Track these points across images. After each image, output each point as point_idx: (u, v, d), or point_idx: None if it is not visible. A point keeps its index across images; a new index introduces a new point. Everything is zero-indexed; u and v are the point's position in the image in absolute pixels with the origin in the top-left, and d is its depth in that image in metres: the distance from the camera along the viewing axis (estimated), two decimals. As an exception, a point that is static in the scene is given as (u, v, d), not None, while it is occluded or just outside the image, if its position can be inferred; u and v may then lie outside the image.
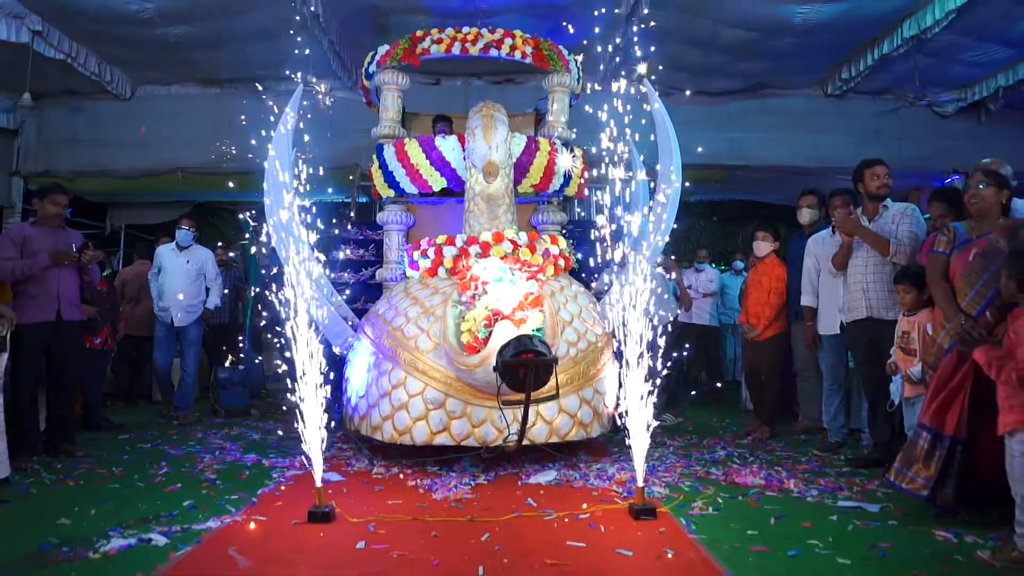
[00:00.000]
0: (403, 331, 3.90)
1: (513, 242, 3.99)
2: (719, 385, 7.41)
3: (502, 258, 3.86)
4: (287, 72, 8.40)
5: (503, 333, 3.18)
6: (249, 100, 9.36)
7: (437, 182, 5.18)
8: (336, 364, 4.96)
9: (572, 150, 5.58)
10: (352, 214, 10.25)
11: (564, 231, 5.73)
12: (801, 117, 9.77)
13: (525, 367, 2.94)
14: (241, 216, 7.67)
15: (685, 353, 6.11)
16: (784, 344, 5.50)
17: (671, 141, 5.37)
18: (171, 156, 9.68)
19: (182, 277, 6.34)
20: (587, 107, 7.22)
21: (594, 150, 5.80)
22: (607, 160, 6.27)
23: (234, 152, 8.74)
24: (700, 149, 7.90)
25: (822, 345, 5.04)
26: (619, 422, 3.45)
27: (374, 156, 5.48)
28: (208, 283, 6.55)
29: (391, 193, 5.37)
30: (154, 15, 7.06)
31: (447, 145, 5.17)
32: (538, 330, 3.50)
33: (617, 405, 4.35)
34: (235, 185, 8.40)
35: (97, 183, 10.88)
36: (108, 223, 12.83)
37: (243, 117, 7.53)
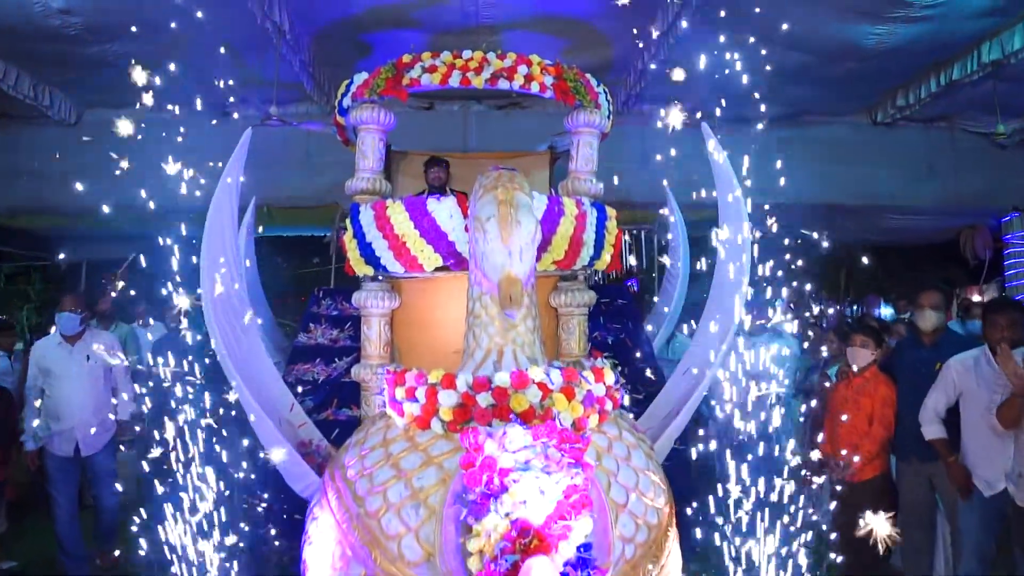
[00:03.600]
0: (380, 522, 2.61)
1: (542, 387, 2.70)
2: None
3: (525, 416, 2.57)
4: (255, 97, 7.21)
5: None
6: (211, 126, 8.13)
7: (430, 260, 3.90)
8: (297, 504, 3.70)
9: (606, 212, 4.31)
10: (331, 257, 9.02)
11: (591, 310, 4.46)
12: (846, 148, 8.56)
13: None
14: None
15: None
16: (887, 487, 4.21)
17: (738, 202, 4.10)
18: (121, 191, 8.34)
19: (82, 382, 4.52)
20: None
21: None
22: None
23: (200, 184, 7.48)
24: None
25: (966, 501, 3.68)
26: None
27: (347, 221, 4.20)
28: (115, 382, 4.68)
29: (370, 271, 4.09)
30: (82, 31, 5.80)
31: (443, 211, 3.89)
32: (586, 547, 2.25)
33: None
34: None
35: (41, 220, 9.62)
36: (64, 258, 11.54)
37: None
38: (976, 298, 11.48)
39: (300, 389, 4.57)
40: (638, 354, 4.97)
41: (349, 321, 4.96)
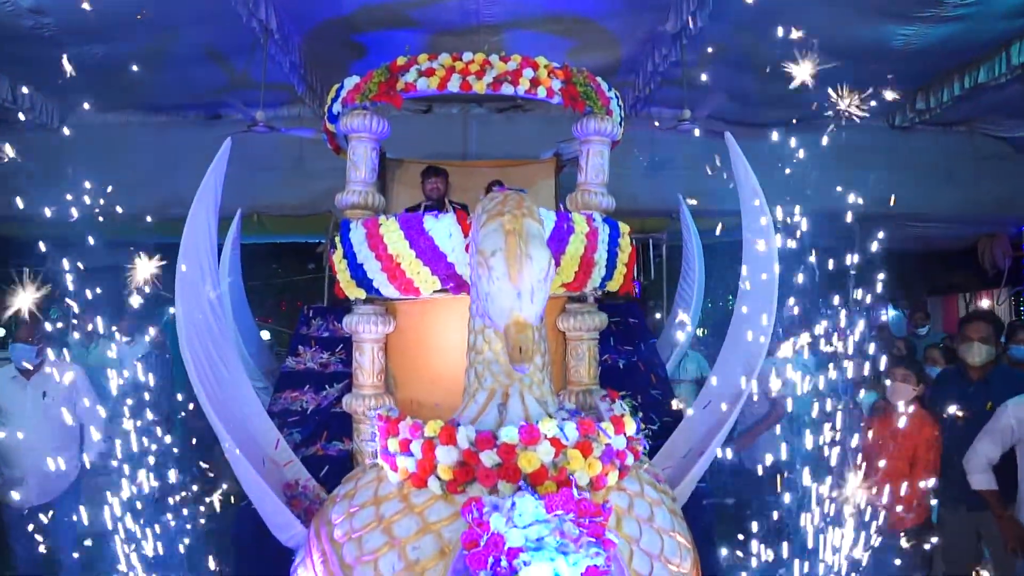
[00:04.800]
0: (371, 599, 2.28)
1: (555, 443, 2.35)
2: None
3: (536, 477, 2.22)
4: (242, 100, 6.84)
5: None
6: (202, 129, 7.78)
7: (427, 283, 3.56)
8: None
9: (619, 229, 3.96)
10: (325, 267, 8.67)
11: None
12: (862, 153, 8.18)
13: None
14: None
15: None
16: (929, 538, 3.82)
17: (765, 217, 3.77)
18: (106, 199, 7.98)
19: (38, 422, 3.92)
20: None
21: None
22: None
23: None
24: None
25: None
26: None
27: (336, 238, 3.85)
28: (82, 418, 4.06)
29: (361, 294, 3.74)
30: (57, 32, 5.45)
31: (441, 229, 3.55)
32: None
33: None
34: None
35: (23, 230, 9.25)
36: (48, 266, 11.19)
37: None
38: (985, 303, 11.13)
39: (288, 420, 4.21)
40: (652, 379, 4.61)
41: (341, 343, 4.59)
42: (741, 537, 3.66)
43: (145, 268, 3.92)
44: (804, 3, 5.10)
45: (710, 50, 5.30)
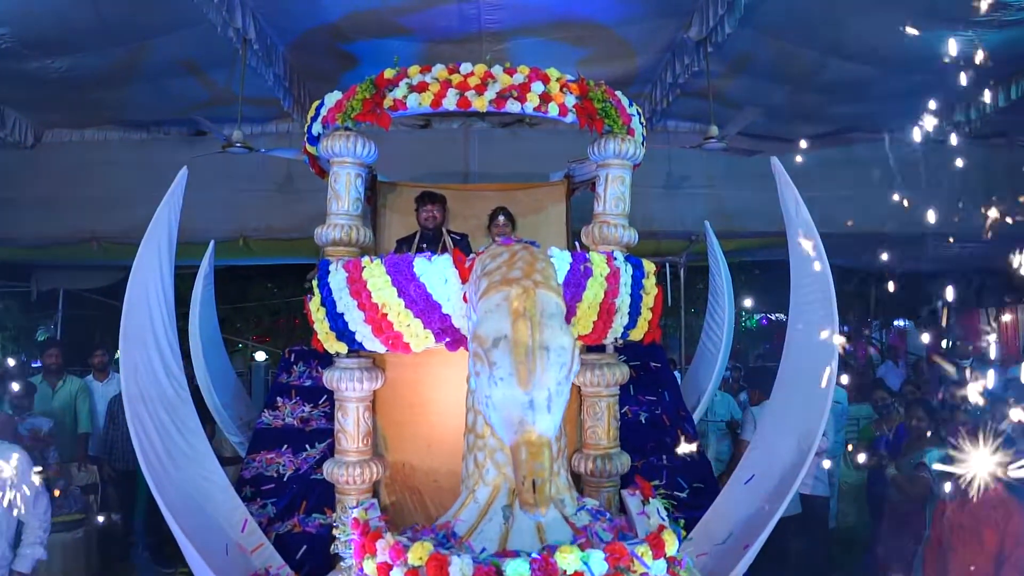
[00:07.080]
0: None
1: (578, 577, 1.77)
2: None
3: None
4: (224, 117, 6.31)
5: None
6: (186, 147, 7.27)
7: (418, 338, 3.02)
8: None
9: (643, 269, 3.41)
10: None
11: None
12: (896, 168, 7.63)
13: None
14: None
15: None
16: None
17: (817, 249, 3.23)
18: (85, 220, 7.49)
19: None
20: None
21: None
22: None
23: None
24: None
25: None
26: None
27: (314, 282, 3.31)
28: (23, 514, 3.37)
29: (343, 348, 3.19)
30: (15, 44, 4.93)
31: (434, 274, 3.01)
32: None
33: None
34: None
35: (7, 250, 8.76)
36: (34, 286, 10.68)
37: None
38: (1007, 317, 10.55)
39: (261, 488, 3.65)
40: (680, 436, 4.02)
41: (325, 395, 4.03)
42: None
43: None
44: (846, 7, 4.56)
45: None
